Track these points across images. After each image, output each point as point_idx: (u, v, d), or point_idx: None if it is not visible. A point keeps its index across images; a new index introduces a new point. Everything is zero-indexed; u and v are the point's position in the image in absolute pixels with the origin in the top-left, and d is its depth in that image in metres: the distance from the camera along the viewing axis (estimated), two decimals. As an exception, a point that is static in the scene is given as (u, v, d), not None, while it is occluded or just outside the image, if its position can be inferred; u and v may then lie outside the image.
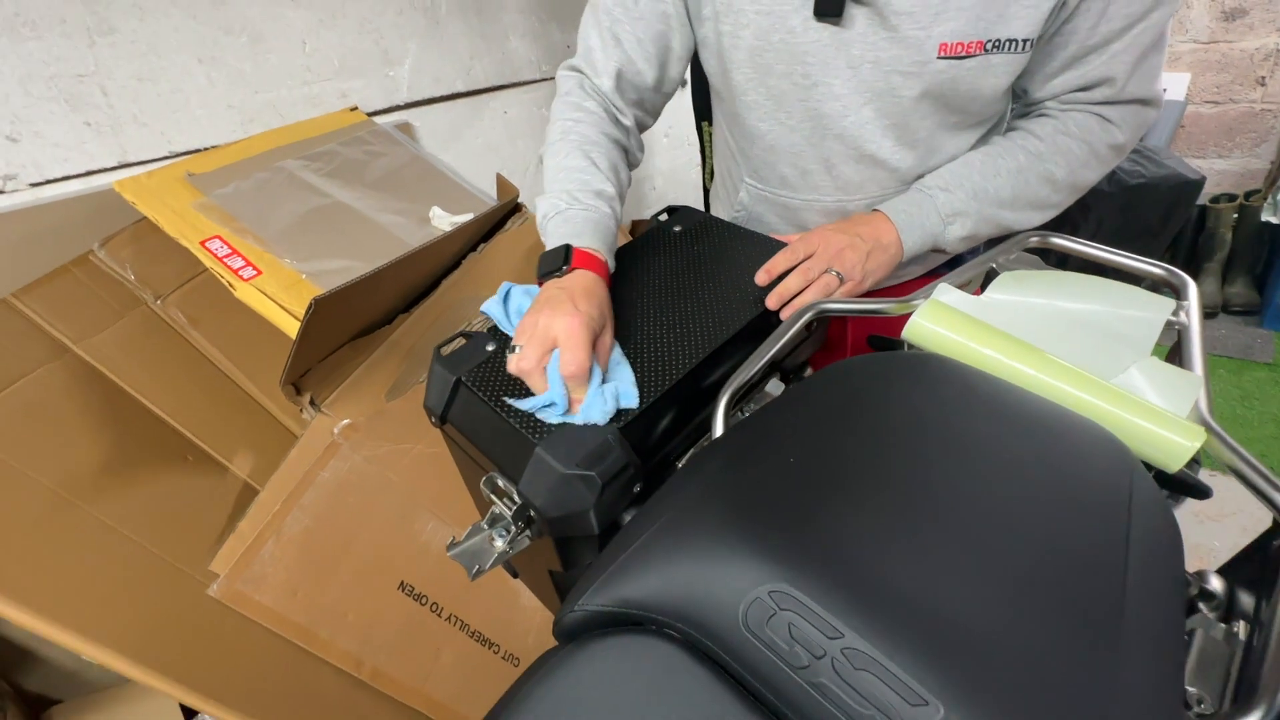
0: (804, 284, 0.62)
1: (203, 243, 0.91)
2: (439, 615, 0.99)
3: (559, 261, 0.59)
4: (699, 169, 2.05)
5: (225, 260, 0.91)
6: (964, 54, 0.59)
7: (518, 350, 0.52)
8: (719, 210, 0.94)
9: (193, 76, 1.05)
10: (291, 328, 0.89)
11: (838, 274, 0.63)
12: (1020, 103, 0.71)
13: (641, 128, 0.78)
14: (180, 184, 0.97)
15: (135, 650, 0.73)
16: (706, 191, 1.98)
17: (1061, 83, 0.64)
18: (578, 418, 0.50)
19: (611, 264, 0.63)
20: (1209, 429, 0.41)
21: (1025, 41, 0.58)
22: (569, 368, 0.50)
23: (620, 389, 0.52)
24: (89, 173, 0.97)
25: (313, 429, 0.91)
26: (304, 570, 0.87)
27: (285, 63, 1.16)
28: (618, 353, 0.56)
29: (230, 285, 0.90)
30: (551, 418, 0.51)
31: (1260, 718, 0.30)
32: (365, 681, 0.92)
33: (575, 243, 0.60)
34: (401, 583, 0.96)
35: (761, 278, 0.63)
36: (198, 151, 1.07)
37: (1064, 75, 0.63)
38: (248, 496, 0.91)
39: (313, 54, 1.20)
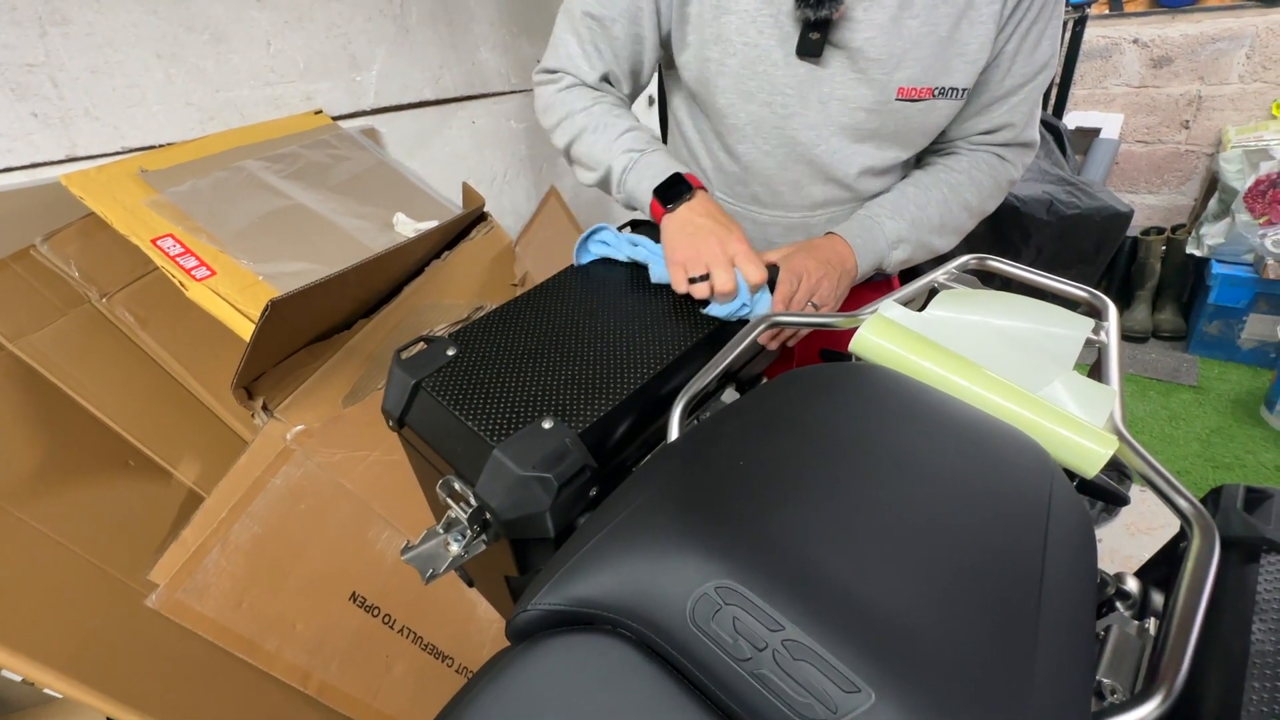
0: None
1: (154, 241, 0.89)
2: (391, 627, 0.98)
3: (681, 189, 0.67)
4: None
5: (177, 259, 0.89)
6: (917, 97, 0.68)
7: (696, 279, 0.62)
8: None
9: (150, 72, 1.03)
10: (246, 330, 0.87)
11: (814, 304, 0.69)
12: (933, 141, 0.80)
13: None
14: (132, 180, 0.94)
15: (67, 664, 0.69)
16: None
17: (972, 125, 0.75)
18: (757, 309, 0.63)
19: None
20: (1121, 438, 0.45)
21: (963, 90, 0.68)
22: (756, 277, 0.62)
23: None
24: (34, 165, 0.93)
25: (265, 434, 0.89)
26: (250, 580, 0.85)
27: (248, 62, 1.15)
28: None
29: (182, 285, 0.88)
30: (747, 314, 0.63)
31: (1160, 701, 0.32)
32: (313, 696, 0.89)
33: (680, 171, 0.69)
34: (353, 593, 0.94)
35: (778, 308, 0.67)
36: (153, 148, 1.04)
37: (975, 119, 0.74)
38: (193, 504, 0.88)
39: (277, 55, 1.19)
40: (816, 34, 0.65)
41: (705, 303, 0.64)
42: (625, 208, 0.75)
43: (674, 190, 0.67)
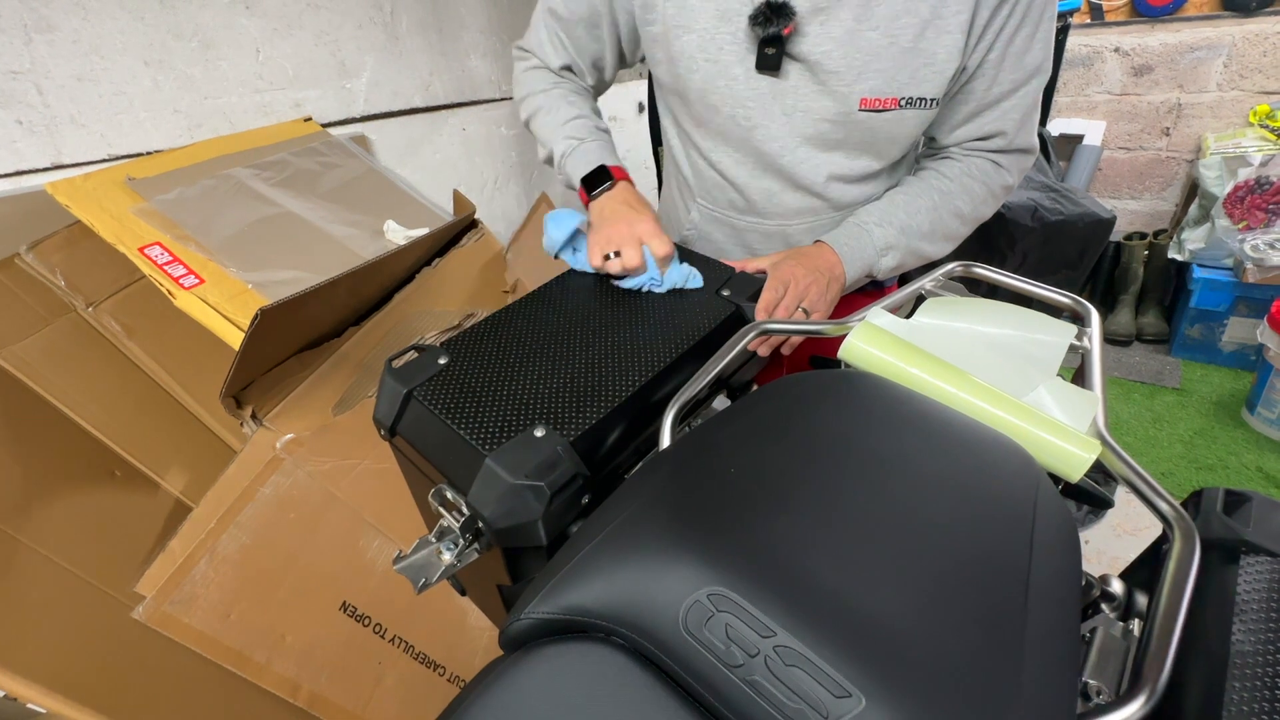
0: None
1: (141, 249, 0.88)
2: (382, 636, 0.97)
3: (604, 180, 0.74)
4: (655, 193, 2.10)
5: (165, 268, 0.88)
6: (882, 108, 0.68)
7: (613, 255, 0.67)
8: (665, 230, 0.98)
9: (138, 79, 1.02)
10: (235, 338, 0.87)
11: (805, 310, 0.69)
12: (927, 147, 0.81)
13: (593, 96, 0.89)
14: (119, 188, 0.93)
15: (51, 679, 0.68)
16: (662, 214, 2.02)
17: (963, 133, 0.74)
18: (668, 285, 0.68)
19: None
20: (1104, 442, 0.45)
21: (932, 100, 0.68)
22: (662, 250, 0.67)
23: (690, 271, 0.69)
24: (19, 173, 0.93)
25: (254, 443, 0.88)
26: (239, 591, 0.84)
27: (237, 70, 1.15)
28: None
29: (170, 294, 0.87)
30: (657, 289, 0.68)
31: (1143, 701, 0.33)
32: (303, 708, 0.88)
33: (607, 163, 0.75)
34: (344, 603, 0.93)
35: (761, 315, 0.68)
36: (140, 156, 1.04)
37: (965, 127, 0.73)
38: (180, 514, 0.87)
39: (266, 62, 1.19)
40: (772, 49, 0.66)
41: (623, 278, 0.69)
42: (566, 187, 0.81)
43: (599, 180, 0.74)
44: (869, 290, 0.89)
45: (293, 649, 0.87)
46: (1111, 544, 1.48)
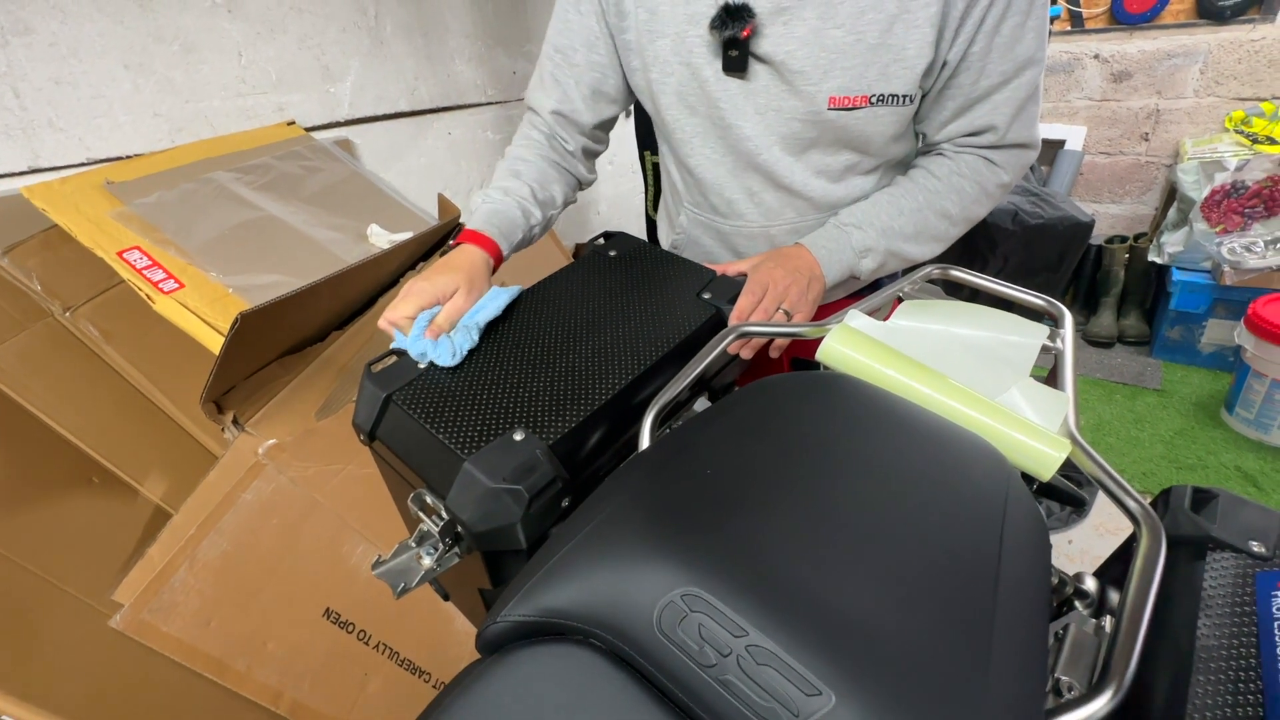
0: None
1: (120, 253, 0.87)
2: (366, 643, 0.96)
3: (451, 239, 0.74)
4: (642, 196, 2.11)
5: (144, 272, 0.88)
6: (851, 106, 0.67)
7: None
8: (663, 234, 0.98)
9: (117, 82, 1.01)
10: (215, 343, 0.86)
11: (785, 311, 0.69)
12: (920, 144, 0.80)
13: (590, 153, 0.86)
14: (98, 192, 0.92)
15: (26, 689, 0.67)
16: (649, 218, 2.03)
17: (953, 129, 0.72)
18: (401, 345, 0.61)
19: (504, 246, 0.73)
20: (1074, 441, 0.46)
21: (906, 97, 0.67)
22: (390, 313, 0.63)
23: (436, 346, 0.60)
24: (-6, 176, 0.92)
25: (235, 449, 0.87)
26: (220, 598, 0.83)
27: (219, 73, 1.14)
28: (470, 318, 0.64)
29: (149, 298, 0.86)
30: (402, 348, 0.62)
31: (1110, 696, 0.33)
32: (285, 716, 0.87)
33: (467, 224, 0.73)
34: (327, 609, 0.93)
35: (735, 320, 0.67)
36: (119, 160, 1.03)
37: (954, 123, 0.71)
38: (159, 521, 0.86)
39: (249, 66, 1.18)
40: (735, 51, 0.66)
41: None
42: None
43: (450, 238, 0.75)
44: (861, 293, 0.89)
45: (275, 656, 0.87)
46: (1094, 544, 1.50)
